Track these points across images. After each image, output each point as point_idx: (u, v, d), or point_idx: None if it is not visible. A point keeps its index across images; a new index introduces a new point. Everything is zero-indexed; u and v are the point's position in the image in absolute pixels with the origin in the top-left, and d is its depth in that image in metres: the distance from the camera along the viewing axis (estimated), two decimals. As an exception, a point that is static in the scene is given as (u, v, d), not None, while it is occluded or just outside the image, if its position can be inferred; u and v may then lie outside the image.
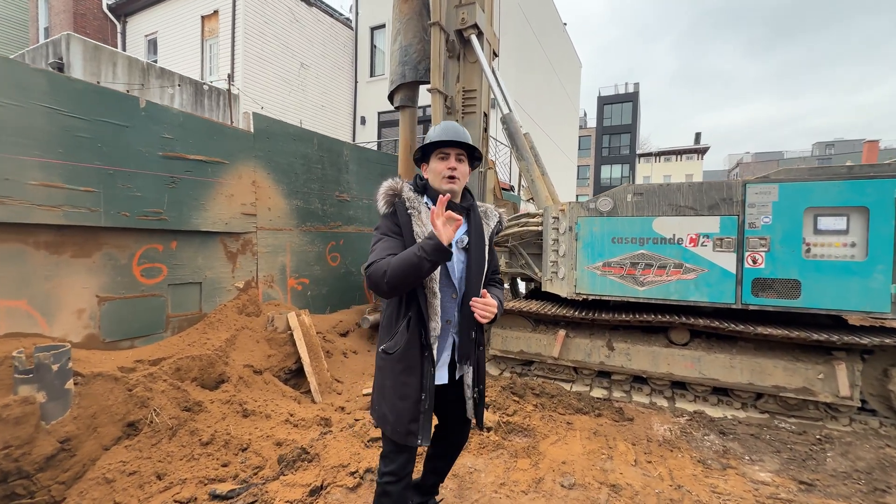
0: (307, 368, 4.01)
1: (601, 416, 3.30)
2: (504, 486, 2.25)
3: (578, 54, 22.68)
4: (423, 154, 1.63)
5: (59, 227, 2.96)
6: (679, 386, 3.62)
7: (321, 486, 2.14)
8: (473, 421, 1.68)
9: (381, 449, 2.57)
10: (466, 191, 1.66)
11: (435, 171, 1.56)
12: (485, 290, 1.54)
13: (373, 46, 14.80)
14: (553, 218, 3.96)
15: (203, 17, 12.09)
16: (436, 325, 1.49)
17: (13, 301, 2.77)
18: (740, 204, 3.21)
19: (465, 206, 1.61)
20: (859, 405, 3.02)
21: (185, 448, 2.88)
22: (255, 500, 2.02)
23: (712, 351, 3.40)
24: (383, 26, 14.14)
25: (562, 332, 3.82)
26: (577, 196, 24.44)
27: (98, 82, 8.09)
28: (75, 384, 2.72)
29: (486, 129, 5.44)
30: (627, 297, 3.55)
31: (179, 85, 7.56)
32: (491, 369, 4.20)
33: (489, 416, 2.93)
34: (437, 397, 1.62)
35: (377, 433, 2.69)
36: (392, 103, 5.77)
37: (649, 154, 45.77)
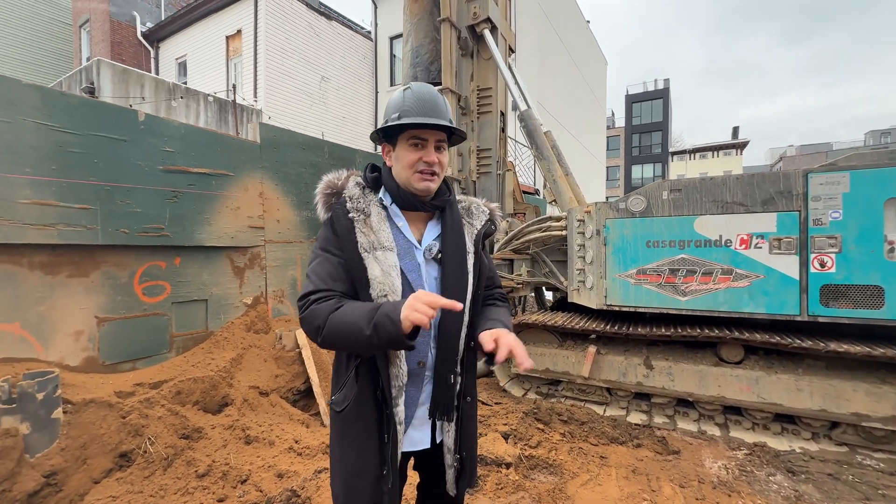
0: (316, 389, 3.77)
1: (641, 446, 2.86)
2: (524, 543, 1.89)
3: (603, 52, 21.97)
4: (387, 134, 1.15)
5: (54, 246, 2.86)
6: (733, 411, 3.12)
7: (309, 538, 1.85)
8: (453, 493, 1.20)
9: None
10: (444, 183, 1.21)
11: (405, 161, 1.11)
12: (495, 332, 1.04)
13: (392, 56, 14.82)
14: (578, 221, 3.57)
15: (227, 38, 12.43)
16: (398, 372, 1.07)
17: (5, 325, 2.67)
18: (801, 197, 2.72)
19: (438, 204, 1.17)
20: (969, 439, 2.45)
21: (181, 480, 2.67)
22: (232, 557, 1.74)
23: (773, 370, 2.90)
24: (402, 35, 14.13)
25: (592, 349, 3.40)
26: (606, 198, 23.52)
27: (131, 105, 8.37)
28: (65, 412, 2.57)
29: (503, 129, 5.12)
30: (668, 309, 3.10)
31: (182, 97, 7.68)
32: (513, 390, 3.82)
33: (508, 449, 2.56)
34: (420, 464, 1.24)
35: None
36: (405, 107, 5.55)
37: (683, 151, 43.84)
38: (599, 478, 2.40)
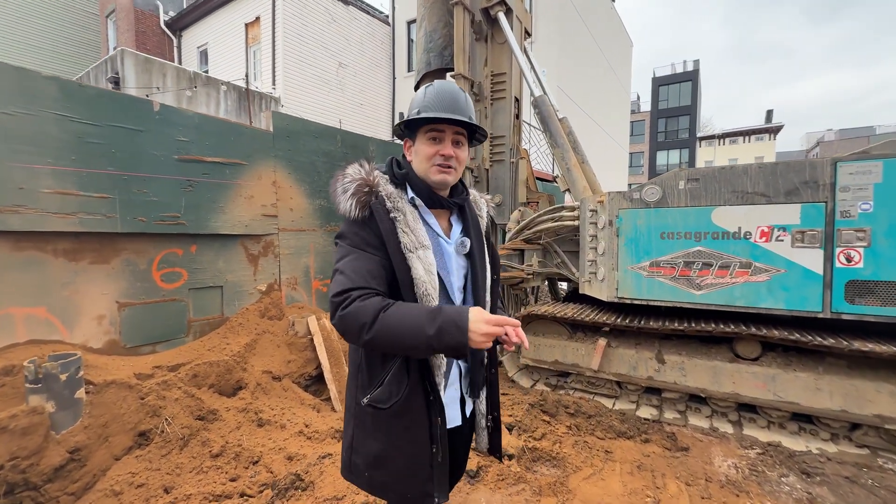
0: (327, 375, 3.85)
1: (648, 441, 2.81)
2: (521, 534, 1.90)
3: (628, 33, 21.12)
4: (409, 127, 1.20)
5: (77, 234, 2.97)
6: (748, 409, 3.03)
7: (310, 521, 1.90)
8: (483, 452, 1.40)
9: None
10: (460, 181, 1.27)
11: (423, 154, 1.16)
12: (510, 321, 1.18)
13: (410, 41, 14.63)
14: (590, 211, 3.48)
15: (246, 25, 12.50)
16: (439, 362, 1.15)
17: (32, 308, 2.81)
18: (829, 188, 2.57)
19: (457, 202, 1.25)
20: None
21: (195, 460, 2.79)
22: (236, 537, 1.81)
23: (791, 368, 2.79)
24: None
25: (602, 341, 3.35)
26: (629, 185, 22.90)
27: (147, 95, 8.56)
28: (87, 393, 2.70)
29: (517, 116, 5.00)
30: (681, 303, 3.01)
31: (196, 87, 7.81)
32: (522, 380, 3.81)
33: (511, 441, 2.57)
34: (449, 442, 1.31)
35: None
36: (418, 94, 5.48)
37: (712, 137, 42.10)
38: (603, 472, 2.38)
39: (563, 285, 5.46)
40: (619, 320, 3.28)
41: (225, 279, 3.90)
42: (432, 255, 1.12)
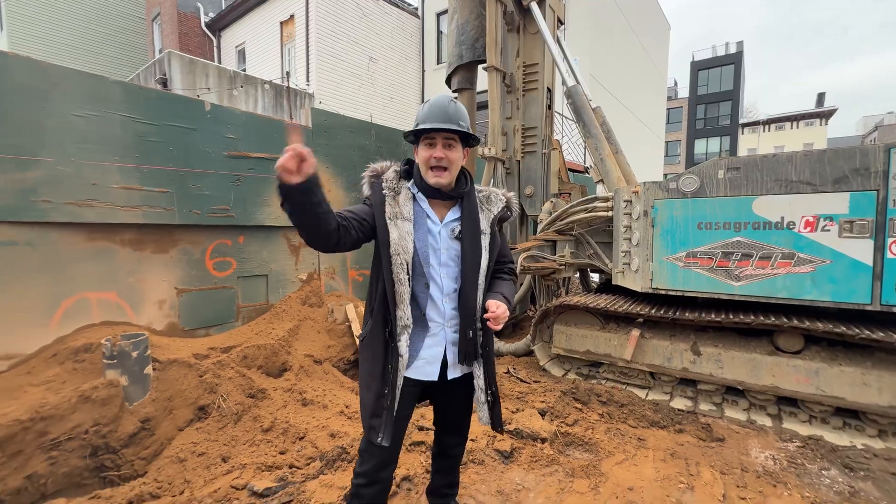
0: (364, 360, 4.03)
1: (683, 432, 2.82)
2: (555, 512, 1.98)
3: (666, 16, 20.21)
4: (415, 139, 1.50)
5: (140, 225, 3.25)
6: (788, 402, 2.97)
7: (357, 490, 2.05)
8: (488, 426, 1.57)
9: (421, 454, 2.44)
10: (463, 175, 1.52)
11: (421, 157, 1.45)
12: (491, 301, 1.40)
13: (439, 32, 14.62)
14: (625, 201, 3.46)
15: (281, 23, 12.86)
16: (402, 315, 1.40)
17: (105, 293, 3.10)
18: (881, 175, 2.46)
19: (454, 194, 1.48)
20: None
21: (249, 433, 3.02)
22: (291, 500, 1.99)
23: (836, 362, 2.71)
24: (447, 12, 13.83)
25: (636, 332, 3.35)
26: (664, 175, 22.10)
27: (199, 95, 9.00)
28: (154, 370, 2.98)
29: (549, 106, 4.98)
30: (718, 294, 2.97)
31: (242, 86, 8.16)
32: (553, 370, 3.86)
33: (544, 425, 2.64)
34: (437, 394, 1.59)
35: (419, 436, 2.56)
36: (450, 87, 5.54)
37: (756, 123, 39.78)
38: (636, 458, 2.42)
39: (595, 277, 5.44)
40: (653, 311, 3.27)
41: (269, 268, 4.14)
42: (411, 226, 1.41)
